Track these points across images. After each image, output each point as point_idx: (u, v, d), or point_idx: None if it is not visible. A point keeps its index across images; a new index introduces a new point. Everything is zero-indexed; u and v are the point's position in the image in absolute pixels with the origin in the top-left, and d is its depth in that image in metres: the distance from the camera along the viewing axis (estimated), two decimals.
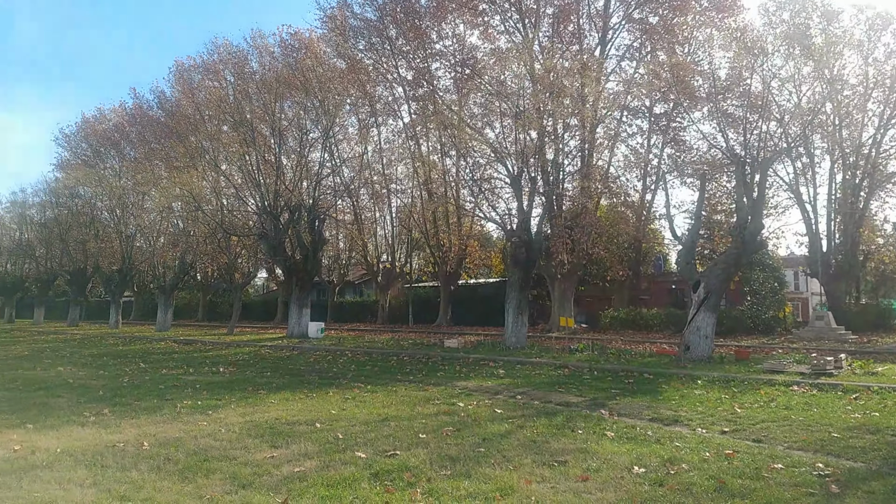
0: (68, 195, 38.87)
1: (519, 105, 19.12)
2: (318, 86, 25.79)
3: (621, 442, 6.69)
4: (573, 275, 26.64)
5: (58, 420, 7.95)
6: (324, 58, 31.96)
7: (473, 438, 6.83)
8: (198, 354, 18.64)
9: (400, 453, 6.15)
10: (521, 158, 18.55)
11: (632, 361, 14.82)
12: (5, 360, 16.61)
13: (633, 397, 9.93)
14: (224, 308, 46.65)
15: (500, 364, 14.60)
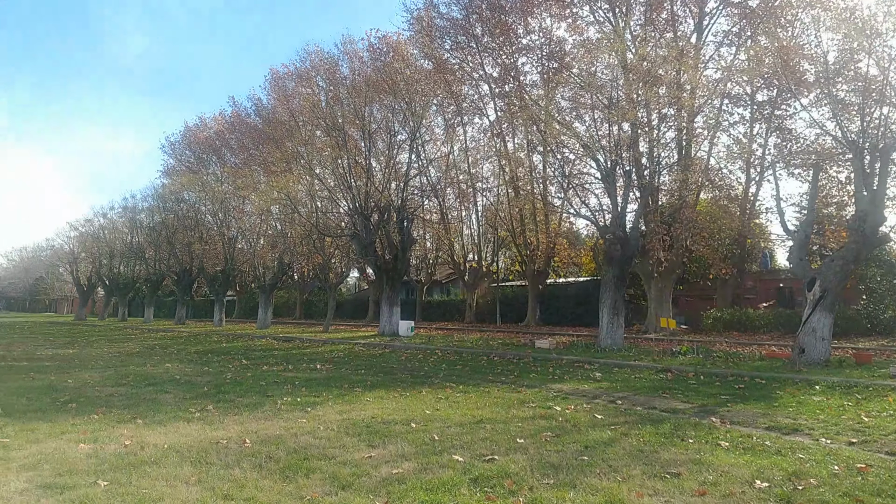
0: (174, 200, 41.40)
1: (612, 96, 18.48)
2: (405, 88, 26.06)
3: (738, 453, 6.21)
4: (671, 273, 25.49)
5: (165, 415, 8.31)
6: (410, 60, 32.36)
7: (575, 445, 6.53)
8: (296, 351, 19.23)
9: (498, 458, 5.96)
10: (614, 151, 17.90)
11: (740, 365, 13.92)
12: (118, 357, 17.69)
13: (745, 404, 9.26)
14: (319, 306, 48.23)
15: (595, 366, 14.12)
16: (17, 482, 5.09)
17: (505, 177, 32.94)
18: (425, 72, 30.70)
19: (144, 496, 4.78)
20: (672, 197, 24.39)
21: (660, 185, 24.05)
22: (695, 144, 25.74)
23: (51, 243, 66.90)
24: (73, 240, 52.43)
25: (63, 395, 9.94)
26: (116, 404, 9.18)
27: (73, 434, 7.00)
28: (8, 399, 9.54)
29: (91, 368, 14.31)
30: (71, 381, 11.81)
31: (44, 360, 16.53)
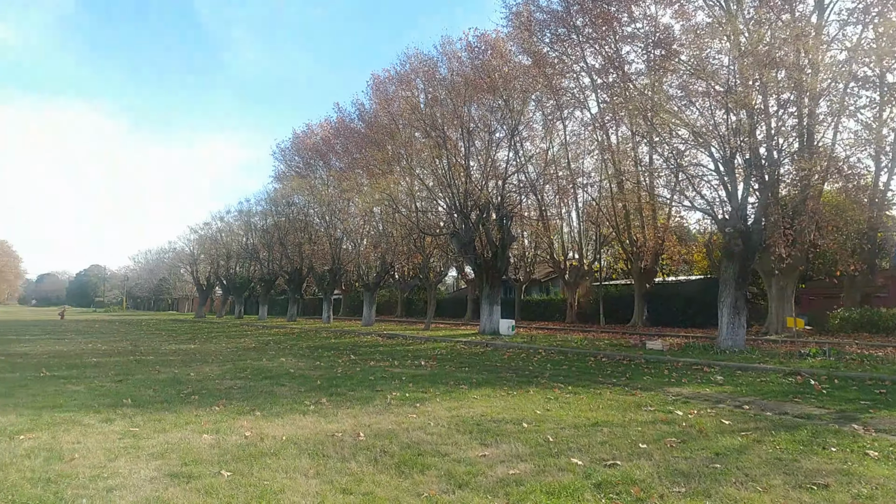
0: (285, 203, 43.33)
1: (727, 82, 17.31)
2: (502, 85, 25.79)
3: (891, 463, 5.53)
4: (794, 270, 23.58)
5: (282, 408, 8.50)
6: (508, 56, 32.06)
7: (704, 452, 6.03)
8: (400, 348, 19.47)
9: (621, 463, 5.59)
10: (734, 140, 16.75)
11: (879, 368, 12.58)
12: (236, 352, 18.58)
13: (890, 410, 8.32)
14: (419, 305, 48.91)
15: (715, 369, 13.22)
16: (147, 470, 5.30)
17: (608, 171, 31.87)
18: (523, 67, 30.28)
19: (266, 488, 4.81)
20: (794, 188, 22.56)
21: (781, 175, 22.31)
22: (818, 131, 23.68)
23: (173, 246, 72.17)
24: (193, 242, 56.28)
25: (186, 388, 10.47)
26: (236, 396, 9.54)
27: (196, 425, 7.28)
28: (137, 391, 10.15)
29: (211, 362, 15.08)
30: (193, 375, 12.46)
31: (168, 354, 17.64)
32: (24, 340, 23.25)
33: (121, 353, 17.62)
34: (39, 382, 10.95)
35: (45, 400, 8.93)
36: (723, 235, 18.16)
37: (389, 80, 41.39)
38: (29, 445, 6.06)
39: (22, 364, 14.25)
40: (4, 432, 6.66)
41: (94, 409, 8.19)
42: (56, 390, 9.99)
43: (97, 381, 11.29)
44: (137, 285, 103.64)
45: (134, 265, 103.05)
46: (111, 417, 7.65)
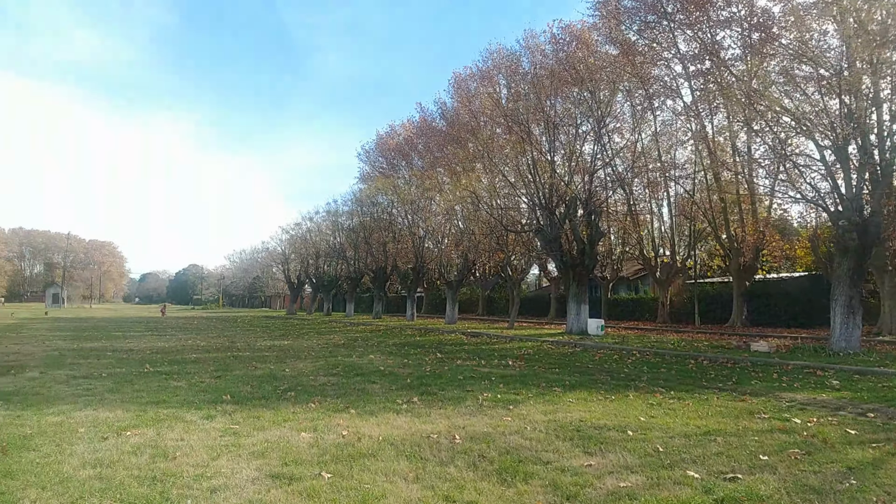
0: (369, 203, 44.11)
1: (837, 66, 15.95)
2: (588, 76, 25.00)
3: None
4: None
5: (375, 406, 8.44)
6: (594, 46, 31.13)
7: (834, 466, 5.43)
8: (485, 347, 19.22)
9: (742, 477, 5.11)
10: (844, 126, 15.40)
11: None
12: (327, 348, 18.92)
13: None
14: (501, 303, 48.53)
15: (830, 373, 12.16)
16: (248, 470, 5.29)
17: (703, 162, 30.32)
18: (610, 57, 29.31)
19: (367, 492, 4.67)
20: None
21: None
22: None
23: (266, 246, 75.15)
24: (285, 242, 58.41)
25: (282, 384, 10.64)
26: (330, 393, 9.58)
27: (294, 422, 7.30)
28: (235, 386, 10.40)
29: (304, 359, 15.38)
30: (288, 371, 12.70)
31: (263, 350, 18.17)
32: (129, 337, 24.66)
33: (219, 350, 18.31)
34: (144, 378, 11.45)
35: (149, 395, 9.28)
36: (835, 229, 16.77)
37: (471, 77, 41.32)
38: (135, 442, 6.23)
39: (127, 360, 15.03)
40: (112, 427, 6.90)
41: (196, 406, 8.41)
42: (159, 386, 10.39)
43: (197, 376, 11.69)
44: (233, 284, 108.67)
45: (229, 264, 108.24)
46: (212, 414, 7.81)
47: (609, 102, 26.73)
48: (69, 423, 7.11)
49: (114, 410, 7.94)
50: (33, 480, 4.85)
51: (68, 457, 5.59)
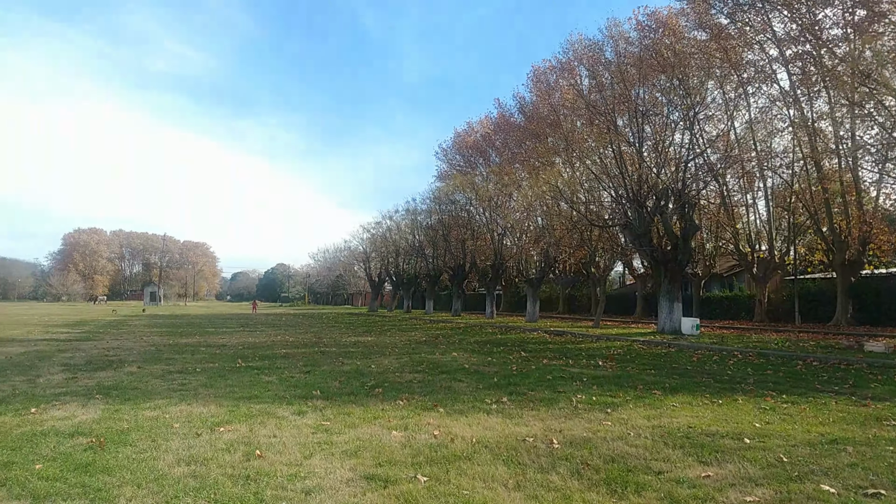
0: (448, 201, 44.07)
1: None
2: (676, 63, 23.77)
3: None
4: None
5: (464, 405, 8.15)
6: (682, 32, 29.73)
7: None
8: (570, 346, 18.58)
9: (885, 493, 4.51)
10: None
11: None
12: (409, 345, 18.84)
13: None
14: (582, 301, 47.34)
15: None
16: (342, 470, 5.09)
17: (802, 151, 28.29)
18: (699, 43, 27.87)
19: (466, 499, 4.37)
20: None
21: None
22: None
23: (348, 244, 76.85)
24: (366, 241, 59.31)
25: (369, 380, 10.54)
26: (417, 391, 9.38)
27: (384, 420, 7.11)
28: (324, 382, 10.38)
29: (388, 355, 15.33)
30: (374, 367, 12.64)
31: (348, 346, 18.32)
32: (222, 332, 25.58)
33: (306, 345, 18.61)
34: (236, 373, 11.66)
35: (241, 391, 9.37)
36: None
37: (550, 70, 40.52)
38: (228, 438, 6.19)
39: (220, 355, 15.45)
40: (206, 423, 6.92)
41: (287, 401, 8.39)
42: (251, 381, 10.52)
43: (287, 372, 11.80)
44: (317, 281, 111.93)
45: (314, 263, 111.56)
46: (303, 410, 7.74)
47: (699, 90, 25.36)
48: (164, 418, 7.21)
49: (207, 406, 8.02)
50: (129, 477, 4.83)
51: (163, 453, 5.59)
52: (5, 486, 4.57)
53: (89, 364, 13.00)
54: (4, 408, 7.67)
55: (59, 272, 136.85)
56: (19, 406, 7.80)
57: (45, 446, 5.76)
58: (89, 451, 5.61)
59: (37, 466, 5.05)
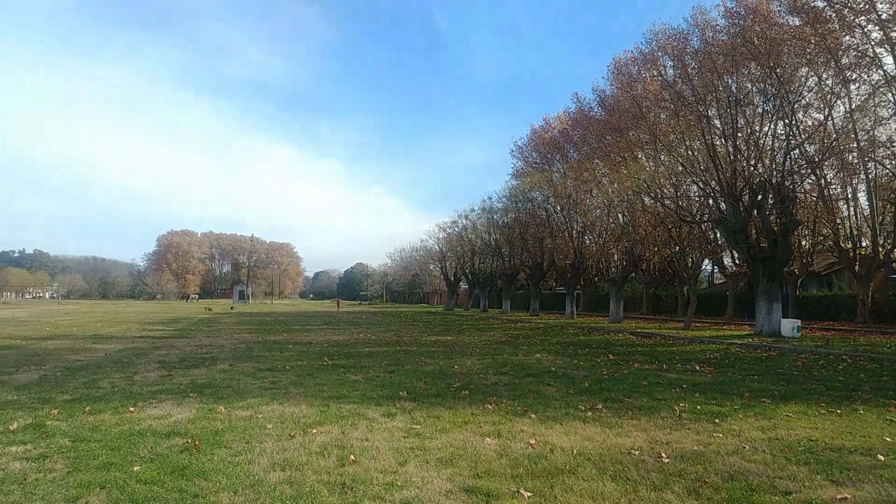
0: (524, 199, 43.44)
1: None
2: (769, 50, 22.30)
3: None
4: None
5: (556, 411, 7.78)
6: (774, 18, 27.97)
7: None
8: (661, 349, 17.72)
9: None
10: None
11: None
12: (490, 345, 18.55)
13: None
14: (668, 301, 45.55)
15: None
16: (439, 480, 4.87)
17: None
18: (793, 29, 26.09)
19: None
20: None
21: None
22: None
23: (424, 244, 77.49)
24: (442, 240, 59.49)
25: (454, 381, 10.33)
26: (504, 394, 9.07)
27: (474, 425, 6.85)
28: (409, 382, 10.26)
29: (469, 355, 15.10)
30: (457, 368, 12.44)
31: (428, 345, 18.23)
32: (307, 330, 26.14)
33: (388, 344, 18.67)
34: (323, 371, 11.73)
35: (330, 390, 9.37)
36: None
37: (632, 61, 39.15)
38: (321, 441, 6.09)
39: (307, 353, 15.69)
40: (298, 424, 6.88)
41: (375, 402, 8.29)
42: (338, 380, 10.53)
43: (372, 371, 11.78)
44: (394, 281, 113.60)
45: (391, 262, 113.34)
46: (392, 411, 7.61)
47: (792, 78, 23.75)
48: (257, 418, 7.23)
49: (298, 405, 8.02)
50: (225, 483, 4.76)
51: (258, 456, 5.54)
52: (105, 488, 4.60)
53: (183, 361, 13.46)
54: (104, 405, 7.92)
55: (153, 272, 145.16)
56: (118, 404, 8.03)
57: (142, 447, 5.83)
58: (185, 452, 5.63)
59: (135, 468, 5.08)
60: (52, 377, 10.69)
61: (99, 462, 5.29)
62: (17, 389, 9.26)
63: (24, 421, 6.93)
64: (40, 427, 6.61)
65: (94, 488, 4.59)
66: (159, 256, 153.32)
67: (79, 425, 6.74)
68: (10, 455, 5.54)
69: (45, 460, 5.37)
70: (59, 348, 16.53)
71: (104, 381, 10.19)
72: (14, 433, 6.35)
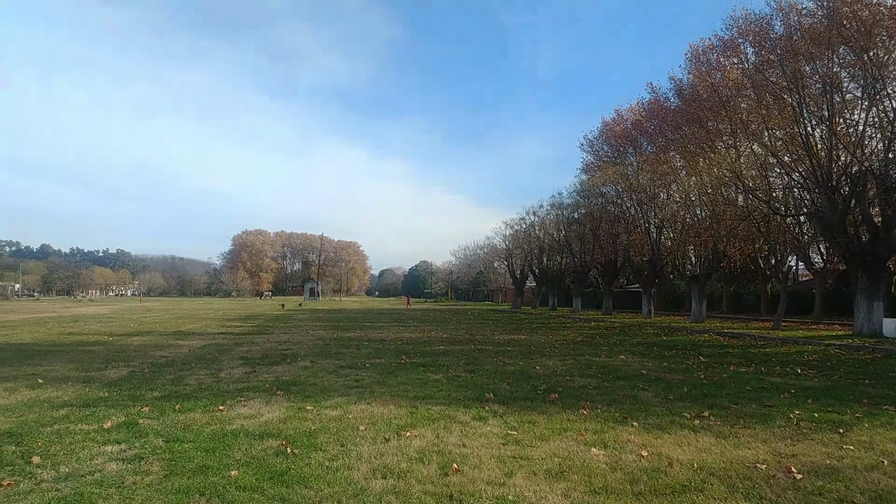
0: (597, 194, 42.24)
1: None
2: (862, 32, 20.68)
3: None
4: None
5: (659, 419, 7.25)
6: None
7: None
8: (754, 350, 16.65)
9: None
10: None
11: None
12: (567, 345, 17.96)
13: None
14: (749, 299, 43.42)
15: None
16: (555, 496, 4.47)
17: None
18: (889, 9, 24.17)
19: None
20: None
21: None
22: None
23: (490, 241, 76.92)
24: (508, 237, 58.68)
25: (539, 383, 9.91)
26: (596, 399, 8.58)
27: (573, 432, 6.42)
28: (493, 383, 9.91)
29: (548, 356, 14.60)
30: (539, 369, 11.99)
31: (503, 345, 17.82)
32: (379, 327, 26.23)
33: (461, 342, 18.39)
34: (403, 370, 11.55)
35: (414, 389, 9.14)
36: None
37: (710, 49, 37.44)
38: (417, 446, 5.82)
39: (383, 350, 15.60)
40: (390, 426, 6.64)
41: (463, 404, 7.99)
42: (420, 379, 10.30)
43: (452, 370, 11.50)
44: (459, 278, 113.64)
45: (455, 260, 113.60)
46: (482, 415, 7.28)
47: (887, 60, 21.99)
48: (348, 418, 7.04)
49: (386, 405, 7.81)
50: (327, 491, 4.51)
51: (355, 461, 5.30)
52: (204, 495, 4.43)
53: (265, 358, 13.58)
54: (194, 404, 7.91)
55: (229, 270, 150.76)
56: (207, 402, 8.02)
57: (236, 449, 5.69)
58: (280, 456, 5.45)
59: (232, 473, 4.91)
60: (140, 374, 10.93)
61: (195, 465, 5.18)
62: (108, 386, 9.45)
63: (117, 419, 6.97)
64: (133, 426, 6.63)
65: (194, 494, 4.43)
66: (234, 255, 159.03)
67: (170, 424, 6.72)
68: (106, 455, 5.52)
69: (140, 462, 5.30)
70: (145, 344, 17.06)
71: (191, 378, 10.32)
72: (108, 432, 6.37)
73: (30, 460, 5.30)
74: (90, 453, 5.56)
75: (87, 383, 9.71)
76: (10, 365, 12.04)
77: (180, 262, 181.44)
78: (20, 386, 9.34)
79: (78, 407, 7.69)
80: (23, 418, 7.01)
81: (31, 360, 12.80)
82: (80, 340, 18.16)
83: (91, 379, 10.20)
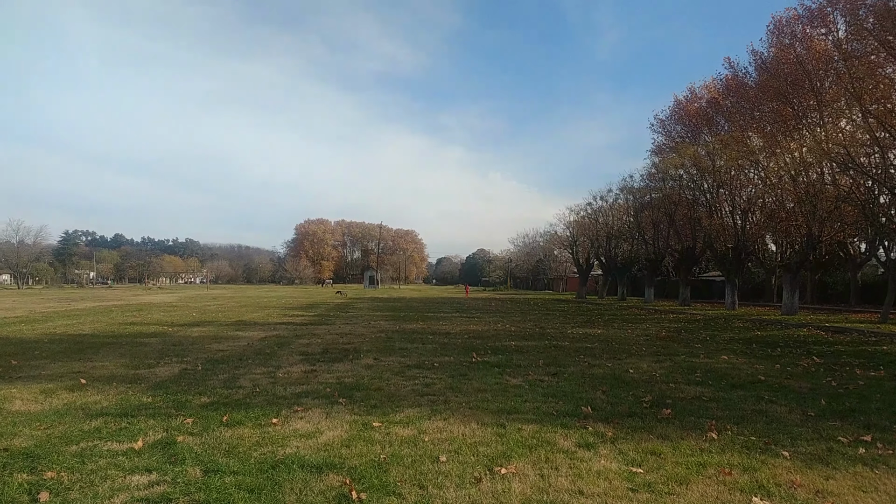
0: (672, 177, 39.66)
1: None
2: None
3: None
4: None
5: (812, 446, 5.76)
6: None
7: None
8: (871, 349, 14.50)
9: None
10: None
11: None
12: (652, 341, 16.42)
13: None
14: (838, 288, 40.15)
15: None
16: None
17: None
18: None
19: None
20: None
21: None
22: None
23: (553, 228, 74.69)
24: (573, 224, 56.22)
25: (640, 392, 8.44)
26: (718, 415, 7.01)
27: (714, 469, 4.96)
28: (584, 391, 8.51)
29: (637, 355, 13.01)
30: (632, 371, 10.48)
31: (580, 340, 16.29)
32: (441, 318, 25.08)
33: (532, 337, 16.97)
34: (476, 371, 10.29)
35: (494, 399, 7.85)
36: None
37: (795, 19, 34.39)
38: (520, 492, 4.43)
39: (450, 345, 14.40)
40: (478, 456, 5.32)
41: (559, 421, 6.61)
42: (497, 384, 9.02)
43: (532, 373, 10.15)
44: (517, 267, 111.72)
45: (513, 248, 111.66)
46: (588, 440, 5.87)
47: None
48: (423, 441, 5.77)
49: (467, 423, 6.50)
50: None
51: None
52: None
53: (326, 353, 12.59)
54: (244, 414, 6.82)
55: (292, 258, 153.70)
56: (259, 412, 6.93)
57: (288, 489, 4.44)
58: (344, 501, 4.22)
59: None
60: (192, 372, 10.04)
61: None
62: (155, 388, 8.53)
63: (153, 435, 5.92)
64: (170, 445, 5.55)
65: None
66: (297, 244, 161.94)
67: (213, 444, 5.62)
68: (130, 491, 4.41)
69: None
70: (203, 336, 16.41)
71: (245, 379, 9.34)
72: (140, 454, 5.31)
73: (36, 497, 4.27)
74: (111, 487, 4.48)
75: (133, 384, 8.83)
76: (60, 360, 11.39)
77: (246, 251, 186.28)
78: (60, 387, 8.51)
79: (114, 417, 6.72)
80: (48, 432, 6.06)
81: (83, 355, 12.16)
82: (139, 332, 17.69)
83: (138, 378, 9.34)
